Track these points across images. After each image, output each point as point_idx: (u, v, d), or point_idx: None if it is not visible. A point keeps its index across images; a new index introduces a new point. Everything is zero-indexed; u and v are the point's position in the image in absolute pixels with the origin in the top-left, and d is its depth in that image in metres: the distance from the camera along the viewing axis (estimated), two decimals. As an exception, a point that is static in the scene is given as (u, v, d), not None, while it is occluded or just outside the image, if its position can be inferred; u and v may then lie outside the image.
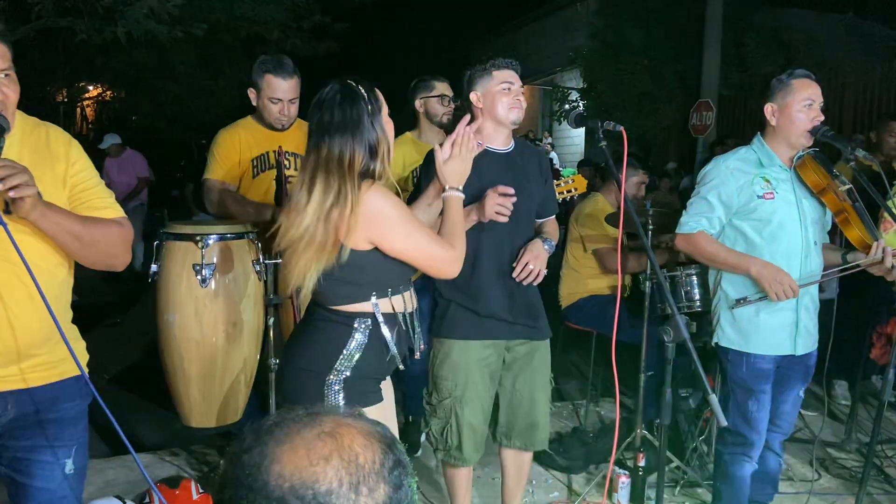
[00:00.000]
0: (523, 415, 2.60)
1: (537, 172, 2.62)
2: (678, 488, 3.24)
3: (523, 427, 2.61)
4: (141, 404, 4.07)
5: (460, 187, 2.07)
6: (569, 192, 3.17)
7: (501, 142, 2.54)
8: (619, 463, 3.39)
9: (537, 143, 13.03)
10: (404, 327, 2.02)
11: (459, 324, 2.50)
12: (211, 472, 3.14)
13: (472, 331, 2.50)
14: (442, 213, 2.12)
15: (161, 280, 2.77)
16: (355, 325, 1.94)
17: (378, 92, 1.97)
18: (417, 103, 3.41)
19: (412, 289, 2.10)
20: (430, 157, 2.34)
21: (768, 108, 2.59)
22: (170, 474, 3.08)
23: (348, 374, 1.93)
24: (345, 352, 1.93)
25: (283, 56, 3.03)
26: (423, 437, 3.60)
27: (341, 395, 1.93)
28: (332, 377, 1.93)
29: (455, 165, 2.07)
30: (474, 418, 2.52)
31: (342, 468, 0.77)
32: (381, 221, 1.88)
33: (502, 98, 2.47)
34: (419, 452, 3.49)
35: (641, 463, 3.14)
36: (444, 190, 2.09)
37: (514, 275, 2.45)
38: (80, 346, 1.85)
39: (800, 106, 2.52)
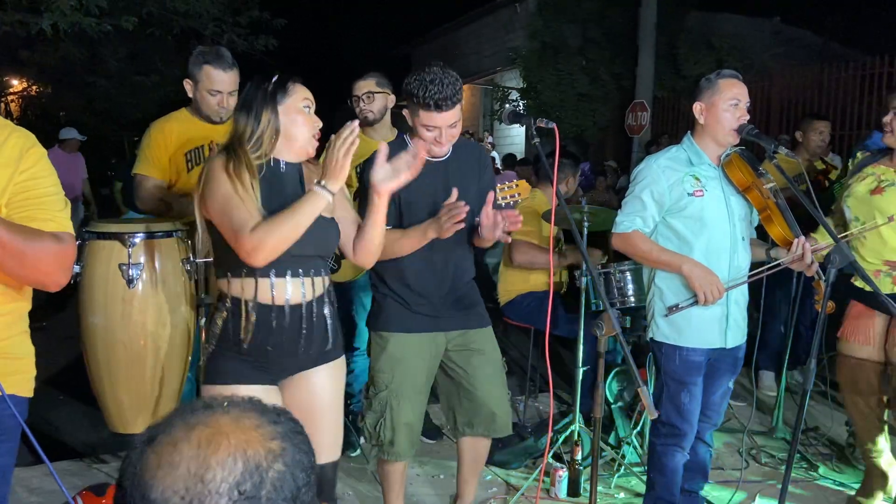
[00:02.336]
0: (481, 403, 2.60)
1: (476, 171, 2.59)
2: (613, 480, 3.30)
3: (484, 414, 2.61)
4: (68, 410, 3.92)
5: (331, 187, 1.96)
6: (511, 196, 3.19)
7: (435, 152, 2.47)
8: (557, 456, 3.43)
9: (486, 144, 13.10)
10: (253, 316, 1.99)
11: (395, 317, 2.51)
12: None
13: (408, 324, 2.50)
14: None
15: (84, 281, 2.66)
16: (219, 304, 2.04)
17: (294, 87, 2.02)
18: (351, 102, 3.47)
19: (307, 277, 2.05)
20: (371, 157, 2.34)
21: (697, 107, 2.66)
22: (97, 481, 2.97)
23: (213, 348, 2.04)
24: (212, 329, 2.04)
25: (221, 47, 2.99)
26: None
27: (204, 369, 2.04)
28: (206, 349, 2.05)
29: (329, 161, 1.98)
30: (409, 412, 2.51)
31: (186, 485, 0.77)
32: (209, 190, 1.95)
33: (424, 134, 2.37)
34: (356, 452, 3.45)
35: (578, 456, 3.18)
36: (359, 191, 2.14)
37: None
38: (21, 365, 1.76)
39: (726, 105, 2.59)
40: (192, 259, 2.69)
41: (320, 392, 2.16)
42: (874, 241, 2.80)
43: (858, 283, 2.83)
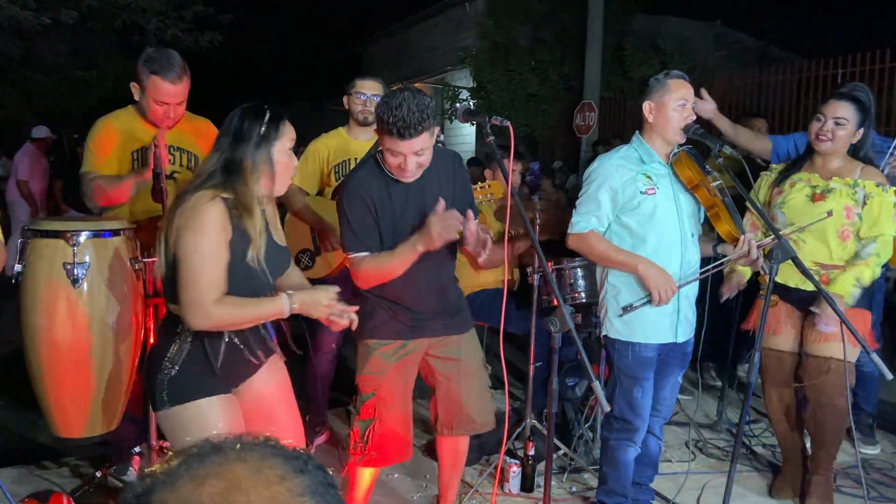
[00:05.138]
0: (461, 405, 2.60)
1: (451, 178, 2.50)
2: (566, 475, 3.34)
3: (466, 414, 2.62)
4: (8, 415, 3.78)
5: (295, 306, 2.05)
6: (485, 197, 3.22)
7: (401, 178, 2.38)
8: (510, 453, 3.46)
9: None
10: (228, 339, 2.05)
11: (381, 325, 2.49)
12: (85, 485, 2.95)
13: (394, 331, 2.48)
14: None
15: (26, 281, 2.56)
16: (178, 330, 2.02)
17: (284, 127, 2.03)
18: (345, 100, 3.47)
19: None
20: (350, 193, 2.36)
21: (646, 106, 2.71)
22: (40, 488, 2.87)
23: (173, 372, 2.02)
24: (168, 354, 2.02)
25: (172, 53, 2.80)
26: (317, 439, 3.59)
27: (166, 392, 2.02)
28: (163, 376, 2.02)
29: (315, 301, 2.09)
30: (396, 417, 2.50)
31: None
32: (191, 231, 1.91)
33: (389, 160, 2.30)
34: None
35: (531, 452, 3.22)
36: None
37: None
38: None
39: (674, 105, 2.66)
40: (140, 258, 2.63)
41: (271, 389, 2.22)
42: (814, 244, 2.91)
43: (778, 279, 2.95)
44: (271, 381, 2.22)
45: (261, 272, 2.03)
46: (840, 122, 2.90)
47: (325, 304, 2.08)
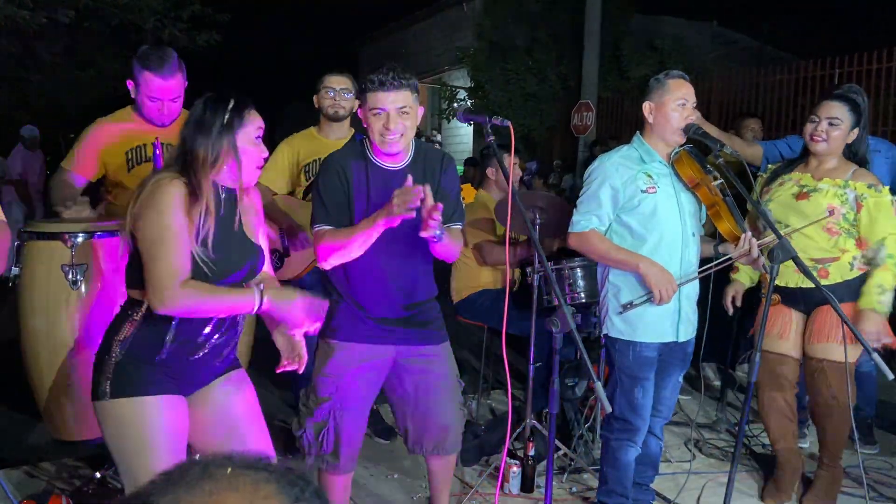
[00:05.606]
0: (431, 422, 2.49)
1: (436, 177, 2.42)
2: (566, 475, 3.34)
3: (433, 433, 2.50)
4: (6, 417, 3.76)
5: (265, 302, 1.97)
6: None
7: (392, 158, 2.36)
8: (510, 453, 3.46)
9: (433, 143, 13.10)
10: (176, 331, 1.94)
11: (345, 326, 2.40)
12: (84, 487, 2.93)
13: (356, 333, 2.39)
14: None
15: (24, 283, 2.56)
16: (129, 312, 1.94)
17: (249, 115, 1.97)
18: (315, 98, 3.45)
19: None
20: (328, 166, 2.35)
21: (646, 107, 2.71)
22: (38, 490, 2.86)
23: (120, 358, 1.92)
24: (118, 336, 1.93)
25: (165, 50, 2.80)
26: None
27: (109, 381, 1.91)
28: (109, 359, 1.92)
29: (290, 306, 2.02)
30: (352, 424, 2.42)
31: None
32: (149, 214, 1.85)
33: (373, 123, 2.27)
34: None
35: (531, 452, 3.21)
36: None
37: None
38: None
39: (674, 105, 2.65)
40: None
41: (234, 401, 2.10)
42: (803, 240, 2.91)
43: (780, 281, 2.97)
44: (235, 394, 2.10)
45: (207, 265, 1.91)
46: (834, 122, 2.92)
47: (300, 305, 2.00)
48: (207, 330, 1.98)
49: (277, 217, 3.32)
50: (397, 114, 2.24)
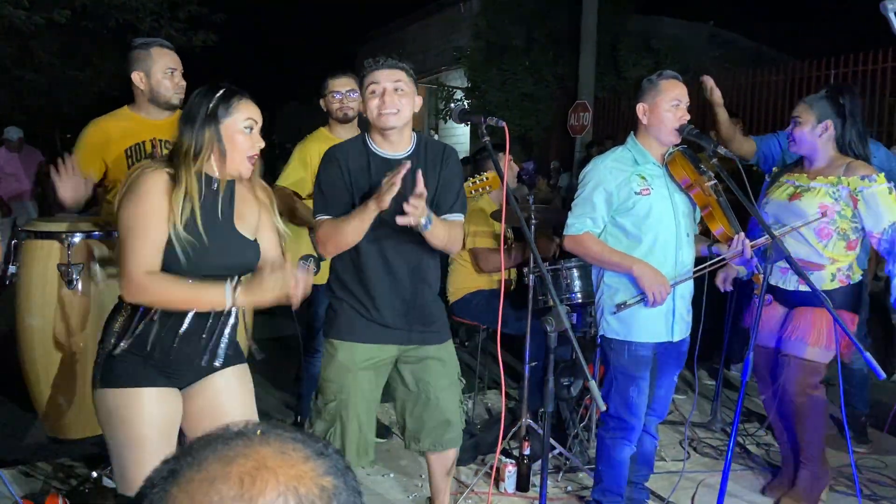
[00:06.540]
0: (430, 417, 2.51)
1: (438, 168, 2.43)
2: (561, 474, 3.35)
3: (432, 428, 2.53)
4: (2, 416, 3.76)
5: (240, 298, 1.96)
6: (484, 189, 3.21)
7: (392, 147, 2.37)
8: (506, 452, 3.47)
9: None
10: (159, 320, 1.93)
11: (348, 326, 2.42)
12: (80, 486, 2.94)
13: (361, 334, 2.41)
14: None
15: (21, 282, 2.57)
16: (121, 304, 1.97)
17: (238, 104, 1.96)
18: (322, 103, 3.47)
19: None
20: (328, 157, 2.37)
21: (640, 108, 2.72)
22: (35, 489, 2.87)
23: (112, 349, 1.95)
24: (113, 327, 1.96)
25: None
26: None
27: (101, 371, 1.95)
28: (103, 350, 1.96)
29: (262, 281, 1.96)
30: (358, 423, 2.44)
31: None
32: (132, 200, 1.88)
33: (370, 102, 2.30)
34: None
35: (526, 451, 3.22)
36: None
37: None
38: None
39: (668, 105, 2.67)
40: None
41: (229, 393, 2.10)
42: (794, 244, 2.92)
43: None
44: (230, 389, 2.11)
45: (185, 251, 1.88)
46: (796, 121, 2.97)
47: (273, 283, 1.93)
48: (188, 321, 1.96)
49: (302, 215, 3.30)
50: (393, 90, 2.29)
